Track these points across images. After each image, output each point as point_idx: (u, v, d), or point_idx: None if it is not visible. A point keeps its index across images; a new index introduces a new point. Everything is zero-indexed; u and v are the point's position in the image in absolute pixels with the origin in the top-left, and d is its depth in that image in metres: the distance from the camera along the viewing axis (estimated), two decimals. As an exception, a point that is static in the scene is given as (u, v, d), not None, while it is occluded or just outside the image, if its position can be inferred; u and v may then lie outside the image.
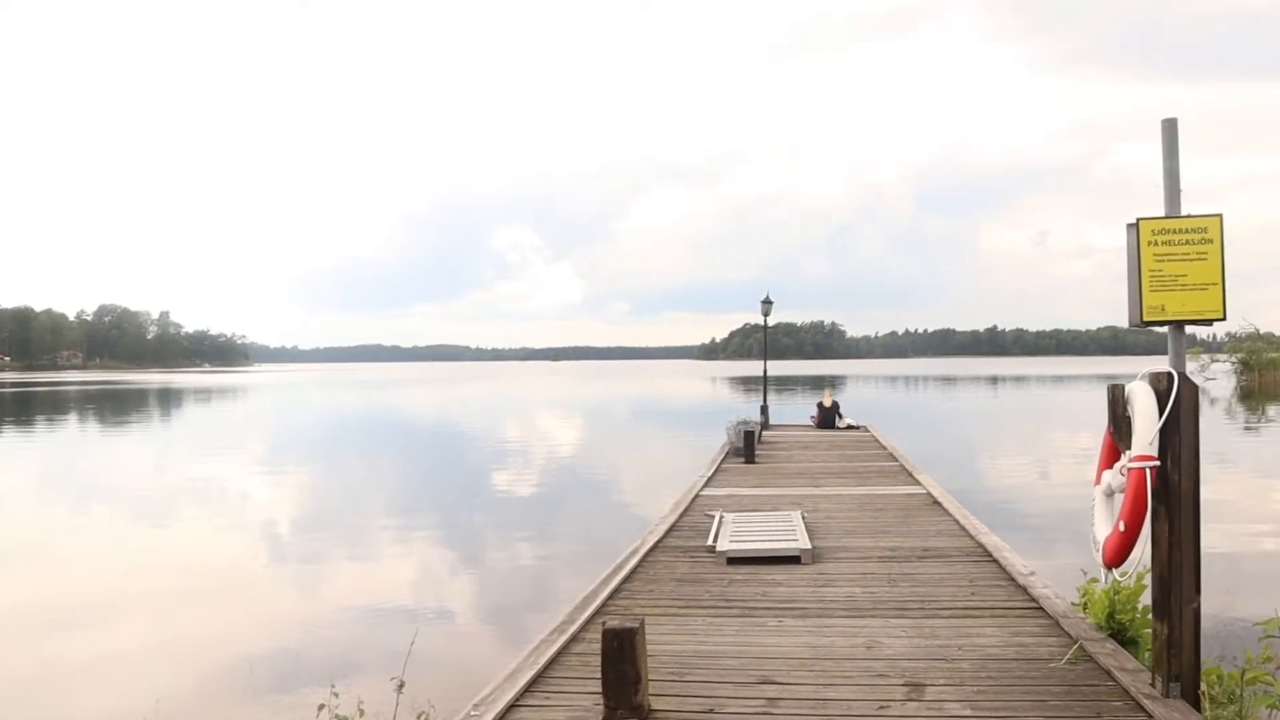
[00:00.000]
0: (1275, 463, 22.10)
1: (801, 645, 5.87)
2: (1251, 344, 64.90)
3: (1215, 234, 4.55)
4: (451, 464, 25.04)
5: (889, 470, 14.77)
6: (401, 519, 16.06)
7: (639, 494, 17.75)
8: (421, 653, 8.22)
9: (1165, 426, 4.59)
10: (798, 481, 13.67)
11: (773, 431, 22.28)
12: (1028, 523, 14.06)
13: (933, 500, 11.57)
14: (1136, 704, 4.76)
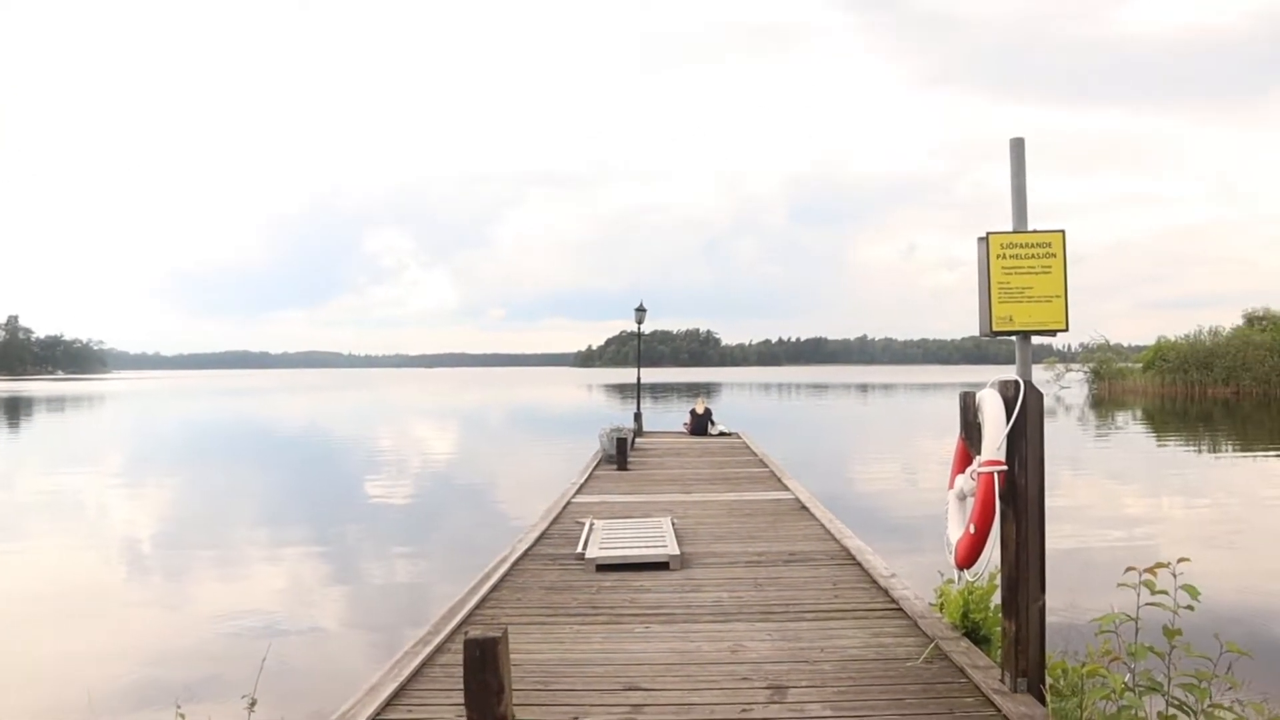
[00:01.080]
0: (1122, 467, 23.23)
1: (668, 651, 5.91)
2: (1102, 354, 68.26)
3: (1058, 249, 4.76)
4: (322, 474, 24.42)
5: (759, 476, 15.02)
6: (269, 532, 15.58)
7: (515, 502, 17.61)
8: (286, 669, 8.00)
9: (1013, 432, 4.78)
10: (669, 488, 13.77)
11: (646, 439, 22.42)
12: (894, 525, 14.46)
13: (800, 505, 11.80)
14: (987, 699, 4.93)
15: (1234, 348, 59.07)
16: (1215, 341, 61.41)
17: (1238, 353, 58.19)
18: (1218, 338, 62.01)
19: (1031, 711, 4.68)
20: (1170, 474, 21.84)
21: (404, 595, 11.23)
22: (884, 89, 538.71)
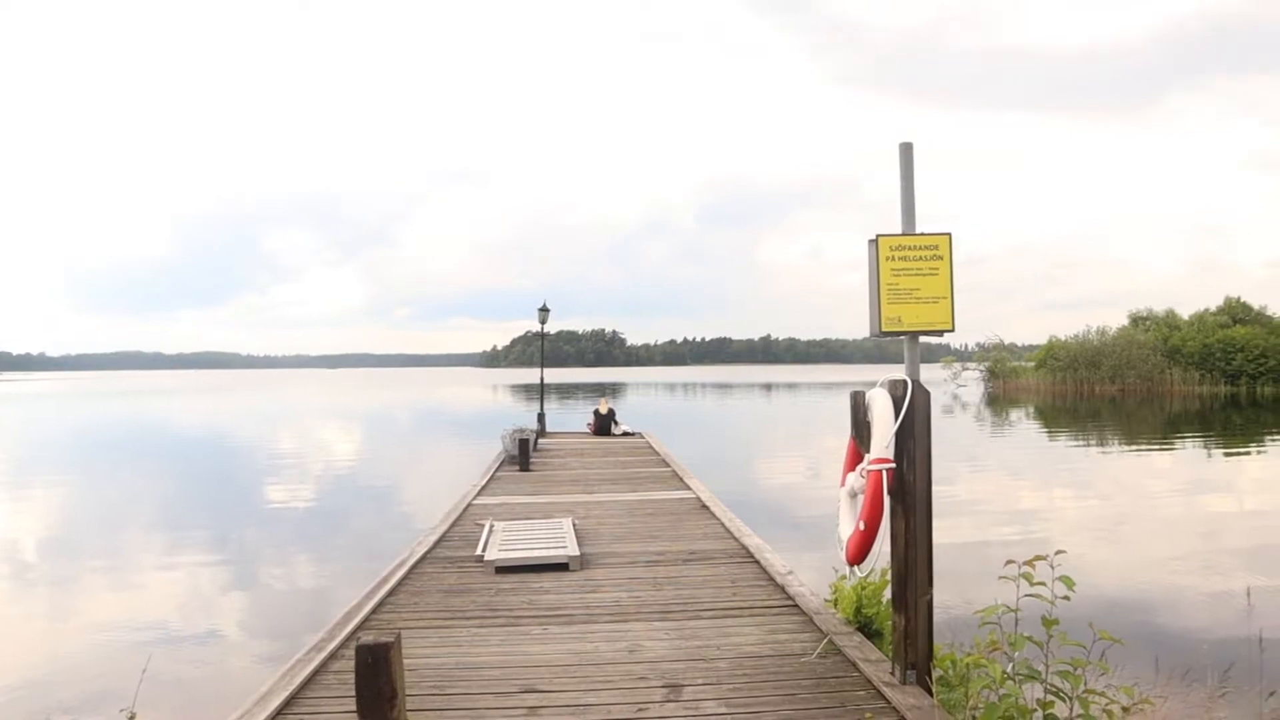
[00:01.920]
0: (1015, 463, 23.93)
1: (566, 652, 5.90)
2: (997, 354, 70.24)
3: (945, 251, 4.88)
4: (220, 478, 23.74)
5: (661, 476, 15.09)
6: (163, 539, 15.07)
7: (418, 505, 17.36)
8: (176, 680, 7.77)
9: (901, 431, 4.89)
10: (571, 489, 13.75)
11: (549, 439, 22.36)
12: (795, 523, 14.65)
13: (701, 504, 11.89)
14: (878, 692, 5.04)
15: (1119, 347, 61.34)
16: (1102, 341, 63.68)
17: (1123, 352, 60.43)
18: (1105, 337, 64.31)
19: (919, 702, 4.80)
20: (1061, 469, 22.57)
21: (303, 601, 10.98)
22: (795, 92, 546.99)
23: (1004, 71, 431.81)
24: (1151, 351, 59.62)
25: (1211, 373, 58.04)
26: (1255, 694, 4.84)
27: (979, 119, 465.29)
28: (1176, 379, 58.33)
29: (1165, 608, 9.52)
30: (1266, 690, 4.69)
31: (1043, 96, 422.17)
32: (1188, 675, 5.18)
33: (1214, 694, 4.72)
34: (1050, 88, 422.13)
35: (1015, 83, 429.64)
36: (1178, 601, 9.77)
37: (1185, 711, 4.23)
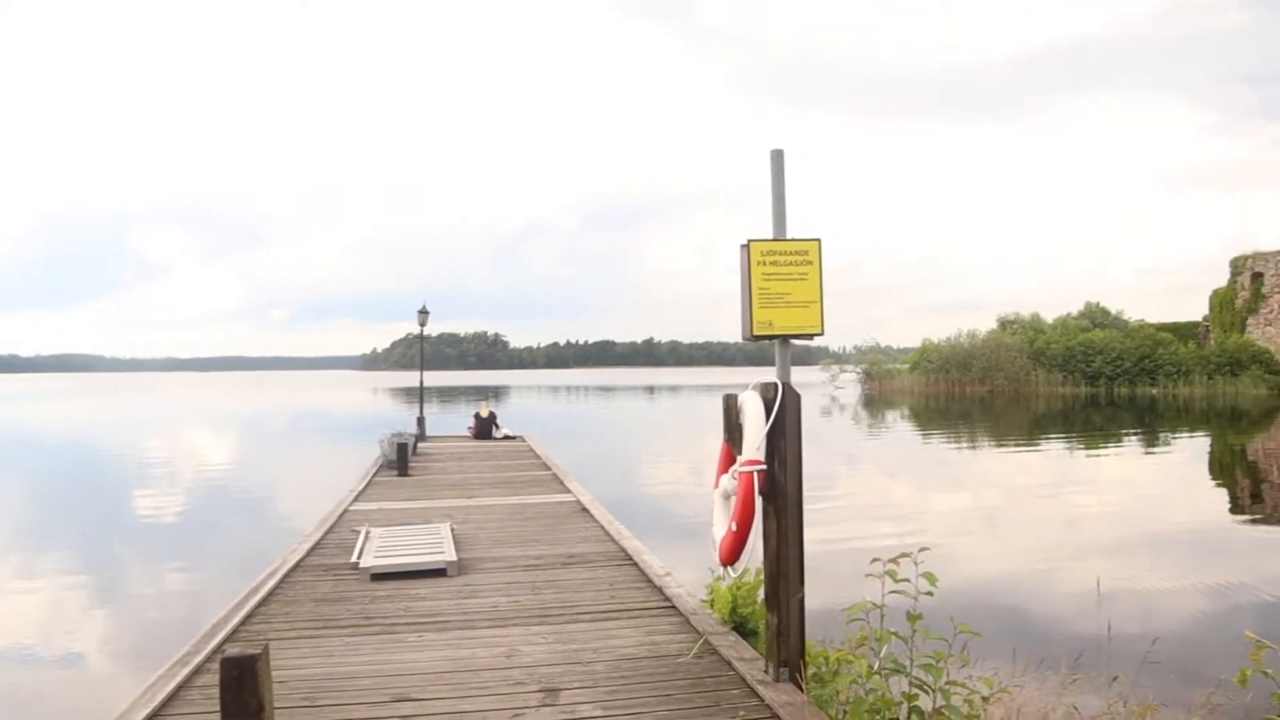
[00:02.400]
0: (891, 462, 24.59)
1: (441, 659, 5.83)
2: (873, 356, 72.08)
3: (815, 256, 4.99)
4: (83, 488, 22.67)
5: (542, 479, 15.05)
6: (21, 554, 14.32)
7: (295, 512, 16.89)
8: (33, 702, 7.40)
9: (772, 432, 4.98)
10: (451, 493, 13.61)
11: (429, 443, 22.07)
12: (676, 524, 14.75)
13: (581, 508, 11.90)
14: (751, 690, 5.12)
15: (989, 349, 63.56)
16: (973, 343, 65.89)
17: (992, 354, 62.64)
18: (975, 340, 66.57)
19: (792, 699, 4.89)
20: (934, 468, 23.29)
21: (173, 615, 10.54)
22: (680, 98, 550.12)
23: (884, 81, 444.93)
24: (1018, 354, 61.95)
25: (1073, 374, 60.60)
26: (1102, 679, 5.10)
27: (861, 126, 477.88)
28: (1041, 380, 60.73)
29: (1025, 600, 9.91)
30: (1111, 675, 4.95)
31: (920, 106, 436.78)
32: (1042, 664, 5.42)
33: (1065, 681, 4.96)
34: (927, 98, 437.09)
35: (894, 93, 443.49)
36: (1037, 594, 10.19)
37: (1039, 698, 4.43)
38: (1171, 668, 6.42)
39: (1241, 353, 56.40)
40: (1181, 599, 9.92)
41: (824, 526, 14.13)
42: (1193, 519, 15.28)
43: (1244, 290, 60.19)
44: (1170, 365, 58.22)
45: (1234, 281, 61.57)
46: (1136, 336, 61.83)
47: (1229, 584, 10.52)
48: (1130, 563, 11.81)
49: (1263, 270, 58.66)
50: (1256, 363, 55.60)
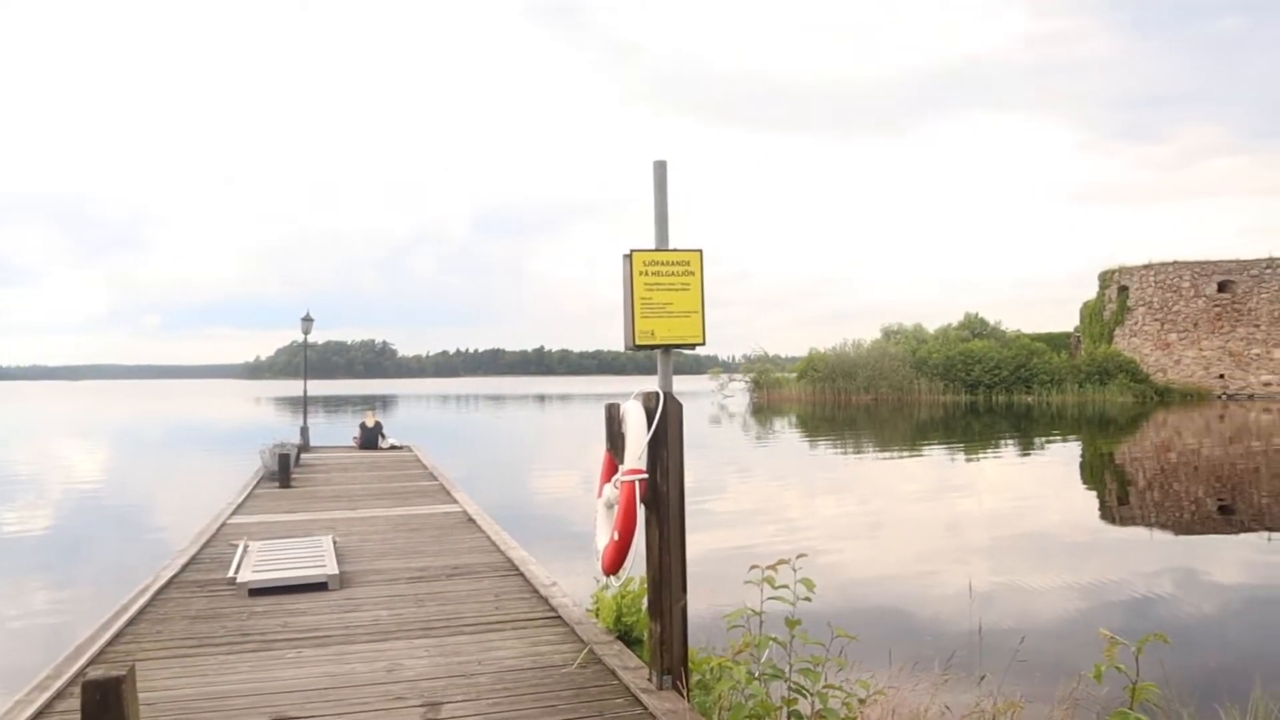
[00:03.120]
0: (779, 469, 24.94)
1: (321, 675, 5.69)
2: (761, 365, 73.05)
3: (696, 267, 5.04)
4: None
5: (428, 490, 14.85)
6: None
7: (171, 526, 16.30)
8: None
9: (654, 441, 5.01)
10: (334, 505, 13.33)
11: (313, 454, 21.58)
12: (566, 534, 14.71)
13: (468, 518, 11.78)
14: (635, 699, 5.13)
15: (873, 358, 65.01)
16: (858, 353, 67.29)
17: (876, 363, 64.09)
18: (860, 350, 68.02)
19: (675, 707, 4.92)
20: (821, 474, 23.72)
21: (38, 638, 10.07)
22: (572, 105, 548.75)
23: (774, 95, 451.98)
24: (901, 363, 63.50)
25: (954, 383, 62.36)
26: (973, 678, 5.27)
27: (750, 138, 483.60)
28: (923, 388, 62.35)
29: (903, 603, 10.16)
30: (980, 674, 5.12)
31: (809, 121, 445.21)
32: (917, 665, 5.57)
33: (938, 681, 5.10)
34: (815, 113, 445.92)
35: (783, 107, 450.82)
36: (914, 596, 10.46)
37: (914, 699, 4.55)
38: (1039, 664, 6.67)
39: (1109, 362, 58.91)
40: (1051, 598, 10.30)
41: (713, 533, 14.28)
42: (1065, 521, 15.90)
43: (1111, 303, 62.89)
44: (1044, 374, 60.39)
45: (1102, 294, 64.30)
46: (1013, 346, 63.97)
47: (1096, 583, 10.97)
48: (1004, 564, 12.22)
49: (1128, 284, 61.39)
50: (1123, 371, 58.14)
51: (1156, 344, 59.36)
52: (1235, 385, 56.98)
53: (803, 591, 4.44)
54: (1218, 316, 57.69)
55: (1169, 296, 59.10)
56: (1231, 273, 57.74)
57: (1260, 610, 9.97)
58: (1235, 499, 18.34)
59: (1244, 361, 57.20)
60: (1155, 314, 59.58)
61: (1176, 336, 58.74)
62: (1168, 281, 59.14)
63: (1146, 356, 59.38)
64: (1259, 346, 57.02)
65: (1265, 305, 56.95)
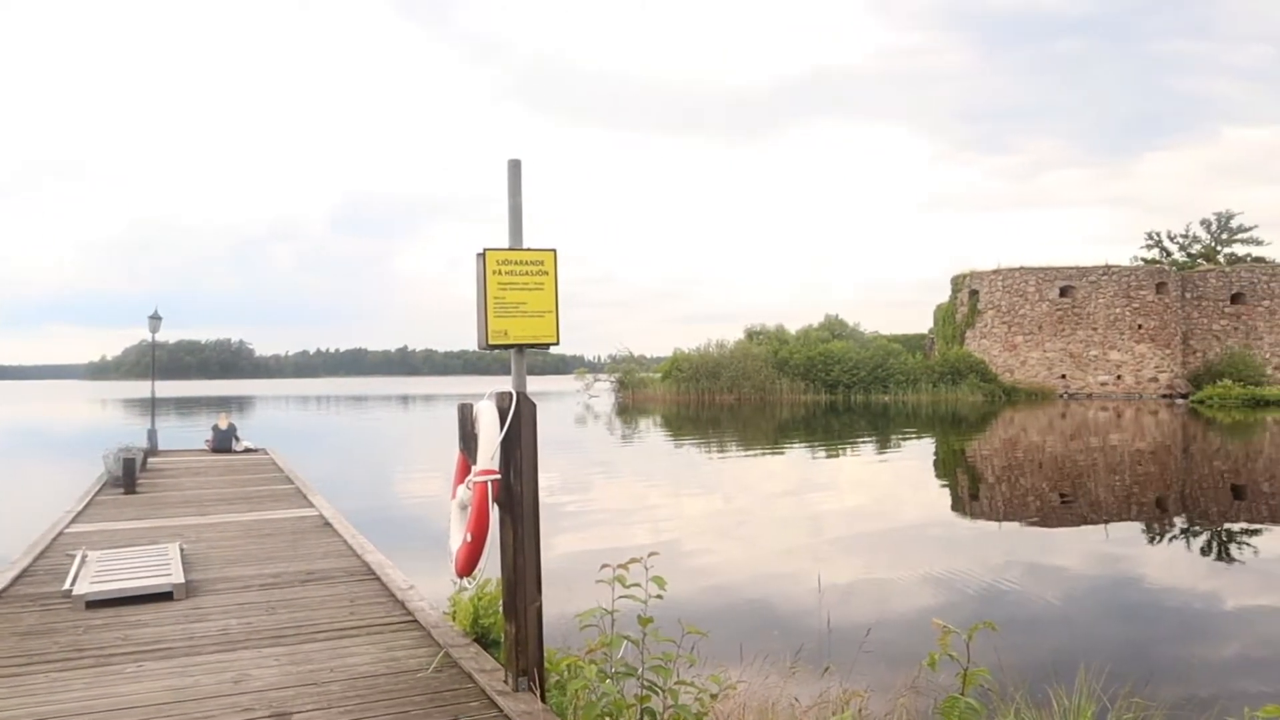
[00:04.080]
0: (643, 469, 25.10)
1: (162, 689, 5.47)
2: (627, 365, 73.46)
3: (551, 266, 5.04)
4: None
5: (283, 494, 14.44)
6: None
7: (5, 538, 15.43)
8: None
9: (507, 441, 4.98)
10: (184, 511, 12.83)
11: (161, 458, 20.72)
12: (426, 536, 14.48)
13: (324, 522, 11.51)
14: (491, 701, 5.09)
15: (736, 359, 66.03)
16: (721, 353, 68.26)
17: (739, 363, 65.12)
18: (723, 350, 69.03)
19: (530, 708, 4.90)
20: (685, 473, 23.98)
21: None
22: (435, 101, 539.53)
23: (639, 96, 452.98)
24: (764, 363, 64.71)
25: (814, 382, 63.88)
26: (818, 670, 5.42)
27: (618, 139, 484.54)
28: (785, 388, 63.67)
29: (759, 599, 10.36)
30: (824, 666, 5.27)
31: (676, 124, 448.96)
32: (767, 659, 5.69)
33: (787, 674, 5.23)
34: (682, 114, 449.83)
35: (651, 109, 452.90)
36: (769, 592, 10.68)
37: (763, 692, 4.66)
38: (886, 655, 6.89)
39: (961, 363, 61.31)
40: (903, 590, 10.66)
41: (580, 533, 14.30)
42: (919, 516, 16.47)
43: (963, 306, 65.45)
44: (900, 374, 62.43)
45: (954, 298, 66.87)
46: (871, 347, 65.96)
47: (946, 575, 11.39)
48: (860, 559, 12.59)
49: (978, 288, 63.99)
50: (974, 372, 60.60)
51: (1004, 345, 62.04)
52: (1075, 385, 60.02)
53: (655, 590, 4.48)
54: (1060, 320, 60.66)
55: (1016, 300, 61.84)
56: (1072, 279, 60.79)
57: (1095, 597, 10.52)
58: (1076, 493, 19.30)
59: (1083, 362, 60.32)
60: (1003, 317, 62.27)
61: (1023, 339, 61.50)
62: (1015, 286, 61.88)
63: (995, 357, 62.00)
64: (1096, 348, 60.21)
65: (1102, 310, 60.16)
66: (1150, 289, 60.65)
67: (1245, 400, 51.87)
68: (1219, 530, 15.01)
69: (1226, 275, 63.75)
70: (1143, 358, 60.09)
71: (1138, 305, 60.19)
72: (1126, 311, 60.06)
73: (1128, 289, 60.35)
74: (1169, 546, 13.78)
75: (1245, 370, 57.71)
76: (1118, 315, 60.05)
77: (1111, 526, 15.11)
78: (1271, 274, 62.73)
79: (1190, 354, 62.34)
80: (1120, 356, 60.08)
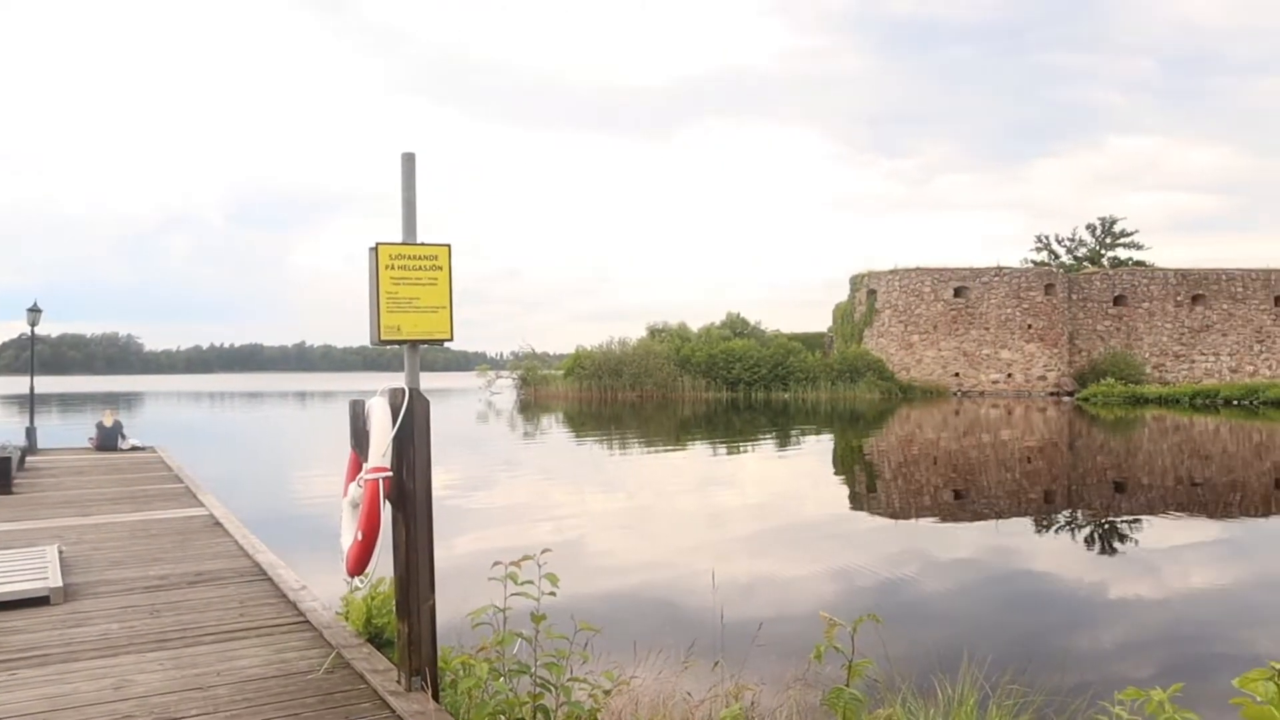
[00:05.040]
0: (546, 466, 25.00)
1: (37, 698, 5.26)
2: (529, 362, 73.14)
3: (445, 261, 4.98)
4: None
5: (172, 493, 14.00)
6: None
7: None
8: None
9: (400, 438, 4.92)
10: (65, 511, 12.35)
11: (41, 457, 19.91)
12: (322, 535, 14.19)
13: (215, 522, 11.20)
14: (384, 702, 5.02)
15: (639, 356, 66.22)
16: (624, 351, 68.39)
17: (642, 361, 65.33)
18: (626, 347, 69.16)
19: (423, 708, 4.85)
20: (588, 471, 23.94)
21: None
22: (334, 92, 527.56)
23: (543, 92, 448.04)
24: (666, 361, 65.02)
25: (715, 380, 64.44)
26: (709, 664, 5.48)
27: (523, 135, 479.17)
28: (687, 386, 64.07)
29: (655, 594, 10.41)
30: (713, 660, 5.33)
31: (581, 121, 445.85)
32: (661, 654, 5.73)
33: (679, 668, 5.27)
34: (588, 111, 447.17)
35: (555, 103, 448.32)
36: (665, 588, 10.73)
37: (656, 687, 4.69)
38: (780, 648, 7.00)
39: (859, 361, 62.56)
40: (800, 585, 10.83)
41: (480, 531, 14.18)
42: (818, 511, 16.75)
43: (861, 305, 66.76)
44: (800, 372, 63.37)
45: (853, 297, 68.18)
46: (772, 345, 66.76)
47: (843, 569, 11.60)
48: (759, 554, 12.75)
49: (876, 288, 65.34)
50: (871, 370, 61.88)
51: (901, 344, 63.47)
52: (969, 383, 61.73)
53: (548, 587, 4.47)
54: (954, 319, 62.30)
55: (912, 300, 63.30)
56: (966, 279, 62.49)
57: (986, 589, 10.83)
58: (969, 487, 19.85)
59: (976, 361, 62.07)
60: (900, 316, 63.69)
61: (918, 337, 62.99)
62: (911, 286, 63.33)
63: (892, 356, 63.38)
64: (989, 347, 62.02)
65: (994, 310, 61.99)
66: (1039, 290, 62.76)
67: (1126, 398, 54.09)
68: (1102, 522, 15.59)
69: (1110, 278, 66.32)
70: (1032, 356, 62.14)
71: (1027, 306, 62.22)
72: (1017, 312, 62.04)
73: (1018, 290, 62.33)
74: (1056, 538, 14.25)
75: (1126, 369, 60.16)
76: (1009, 315, 61.97)
77: (1002, 520, 15.58)
78: (1150, 277, 65.45)
79: (1076, 353, 64.65)
80: (1011, 355, 62.02)
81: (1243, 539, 14.24)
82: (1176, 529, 14.81)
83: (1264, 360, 63.50)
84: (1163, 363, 63.79)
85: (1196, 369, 63.47)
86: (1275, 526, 15.60)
